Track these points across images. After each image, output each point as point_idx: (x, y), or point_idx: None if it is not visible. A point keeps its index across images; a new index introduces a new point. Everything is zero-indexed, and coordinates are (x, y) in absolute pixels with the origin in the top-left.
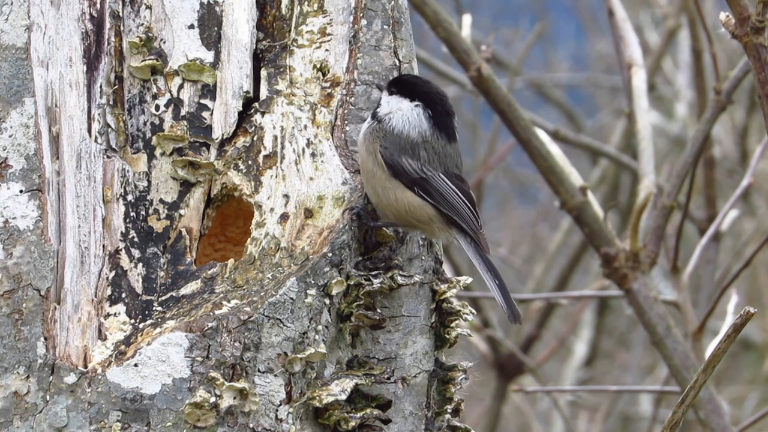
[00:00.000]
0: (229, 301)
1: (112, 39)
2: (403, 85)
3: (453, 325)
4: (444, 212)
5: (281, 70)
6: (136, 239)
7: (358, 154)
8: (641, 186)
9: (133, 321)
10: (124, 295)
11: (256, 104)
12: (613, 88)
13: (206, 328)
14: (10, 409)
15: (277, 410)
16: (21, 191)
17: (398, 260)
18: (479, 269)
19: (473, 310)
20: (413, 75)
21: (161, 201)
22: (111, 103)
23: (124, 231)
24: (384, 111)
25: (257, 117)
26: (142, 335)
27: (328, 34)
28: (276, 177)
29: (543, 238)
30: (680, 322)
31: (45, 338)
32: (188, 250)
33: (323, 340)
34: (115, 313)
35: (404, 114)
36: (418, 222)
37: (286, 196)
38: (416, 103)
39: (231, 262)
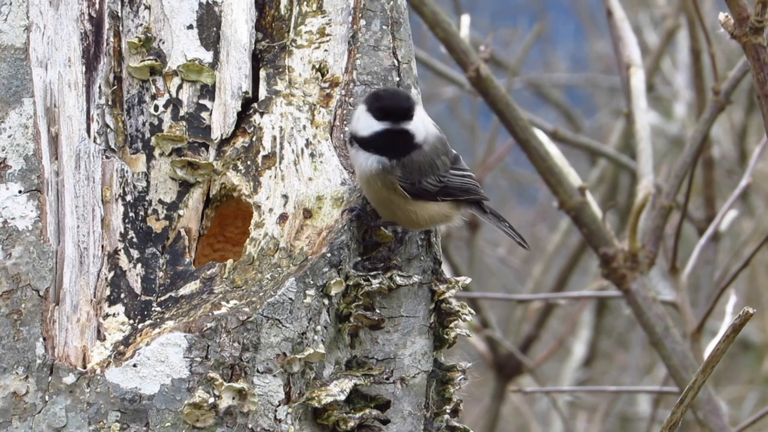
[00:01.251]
0: (228, 302)
1: (111, 39)
2: (411, 103)
3: (452, 325)
4: (461, 200)
5: (280, 70)
6: (135, 240)
7: (361, 182)
8: (640, 186)
9: (131, 321)
10: (123, 295)
11: (255, 105)
12: (611, 89)
13: (205, 328)
14: (8, 410)
15: (275, 410)
16: (20, 191)
17: (397, 260)
18: (491, 222)
19: (472, 311)
20: (393, 93)
21: (160, 201)
22: (110, 103)
23: (123, 231)
24: (422, 136)
25: (256, 117)
26: (140, 336)
27: (327, 35)
28: (275, 177)
29: (542, 238)
30: (679, 322)
31: (44, 338)
32: (187, 250)
33: (322, 340)
34: (114, 314)
35: (427, 120)
36: (438, 222)
37: (285, 196)
38: (416, 105)
39: (230, 262)
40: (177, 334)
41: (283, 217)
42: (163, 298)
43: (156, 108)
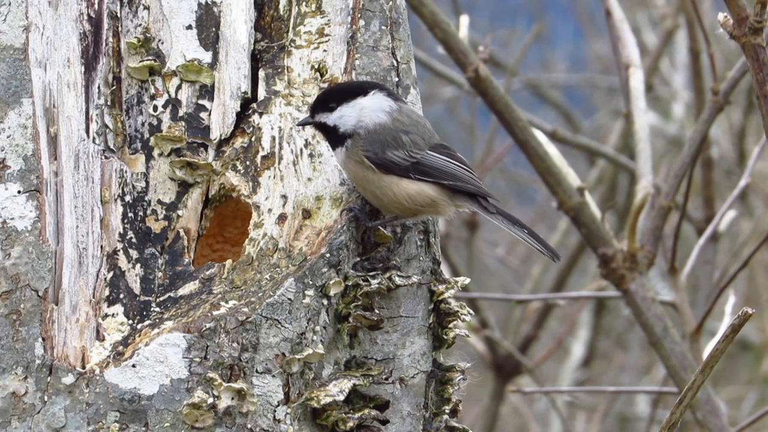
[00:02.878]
0: (227, 302)
1: (110, 39)
2: (339, 94)
3: (451, 325)
4: (445, 186)
5: (279, 70)
6: (134, 240)
7: (345, 173)
8: (639, 186)
9: (131, 322)
10: (122, 295)
11: (254, 105)
12: (610, 89)
13: (204, 328)
14: (8, 410)
15: (275, 411)
16: (19, 192)
17: (396, 261)
18: (501, 225)
19: (471, 311)
20: (329, 87)
21: (159, 202)
22: (109, 103)
23: (122, 232)
24: (351, 123)
25: (255, 117)
26: (140, 336)
27: (326, 35)
28: (274, 177)
29: None
30: (678, 322)
31: (43, 339)
32: (186, 250)
33: (321, 340)
34: (113, 314)
35: (371, 106)
36: (423, 207)
37: (284, 196)
38: (372, 92)
39: (229, 262)
40: (176, 334)
41: (282, 218)
42: (162, 299)
43: (155, 108)
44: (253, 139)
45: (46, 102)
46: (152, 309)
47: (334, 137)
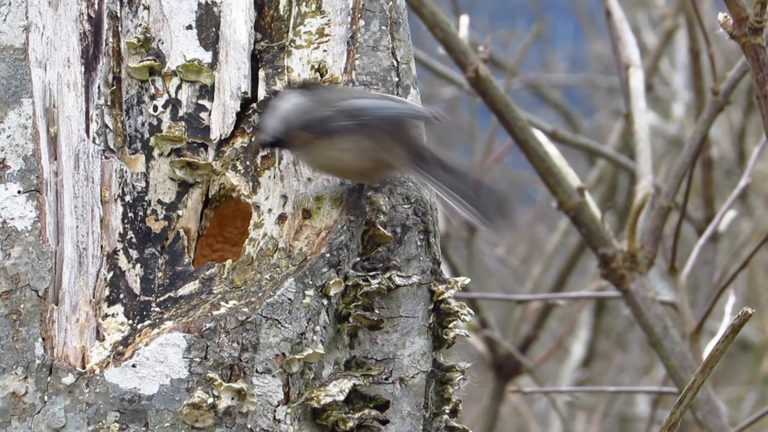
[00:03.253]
0: (227, 302)
1: (110, 40)
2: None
3: (451, 325)
4: (376, 130)
5: (279, 70)
6: (134, 240)
7: (316, 171)
8: (639, 186)
9: (131, 322)
10: (122, 295)
11: (254, 105)
12: (610, 89)
13: (204, 328)
14: (8, 410)
15: (275, 411)
16: (19, 192)
17: (396, 261)
18: (434, 189)
19: (471, 311)
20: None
21: (159, 202)
22: (109, 103)
23: (122, 232)
24: (275, 124)
25: (255, 117)
26: (140, 336)
27: (326, 35)
28: (274, 177)
29: (540, 238)
30: (678, 322)
31: (43, 339)
32: (186, 250)
33: (321, 340)
34: (113, 314)
35: (285, 102)
36: (372, 163)
37: (284, 196)
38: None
39: (229, 262)
40: (176, 334)
41: (282, 218)
42: (162, 299)
43: (155, 108)
44: (253, 139)
45: (46, 102)
46: (152, 309)
47: (284, 146)
